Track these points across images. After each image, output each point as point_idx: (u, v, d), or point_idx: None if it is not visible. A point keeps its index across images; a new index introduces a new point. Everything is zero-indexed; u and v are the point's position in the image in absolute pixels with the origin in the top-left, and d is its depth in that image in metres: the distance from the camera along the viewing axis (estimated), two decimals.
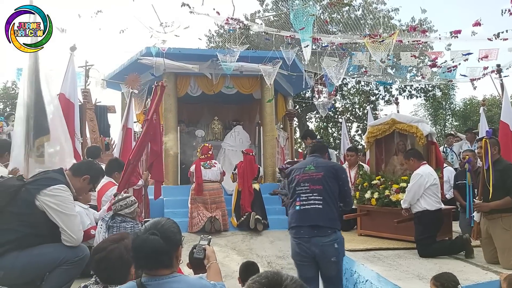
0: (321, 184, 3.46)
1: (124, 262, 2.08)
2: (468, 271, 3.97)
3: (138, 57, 8.43)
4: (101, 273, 2.12)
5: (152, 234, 1.77)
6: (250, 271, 3.29)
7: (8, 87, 21.84)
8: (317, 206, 3.40)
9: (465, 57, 6.81)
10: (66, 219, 2.76)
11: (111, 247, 2.10)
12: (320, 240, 3.31)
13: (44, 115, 3.92)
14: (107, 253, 2.07)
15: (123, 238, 2.19)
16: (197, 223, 6.77)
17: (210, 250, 2.25)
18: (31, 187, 2.78)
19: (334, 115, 20.56)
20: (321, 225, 3.34)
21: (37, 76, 3.95)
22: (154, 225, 1.82)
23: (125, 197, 3.62)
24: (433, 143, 5.61)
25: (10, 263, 2.62)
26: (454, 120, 24.78)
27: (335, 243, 3.34)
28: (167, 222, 1.86)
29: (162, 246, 1.75)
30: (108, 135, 8.96)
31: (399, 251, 4.82)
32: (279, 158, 9.72)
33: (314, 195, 3.44)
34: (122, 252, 2.08)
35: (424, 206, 4.62)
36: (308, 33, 5.02)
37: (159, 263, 1.77)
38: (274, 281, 1.15)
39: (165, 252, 1.77)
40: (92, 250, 2.17)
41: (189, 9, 6.14)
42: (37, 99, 3.90)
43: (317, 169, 3.56)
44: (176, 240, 1.85)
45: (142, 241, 1.76)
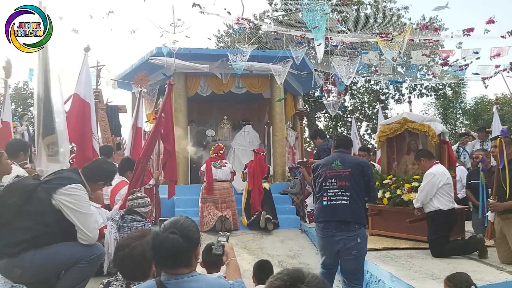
0: (349, 180, 3.57)
1: (146, 259, 2.09)
2: (482, 271, 3.93)
3: (149, 57, 8.48)
4: (125, 269, 2.14)
5: (171, 233, 1.77)
6: (265, 269, 3.29)
7: (20, 88, 22.14)
8: (344, 202, 3.52)
9: (476, 55, 6.73)
10: (82, 218, 2.79)
11: (134, 243, 2.12)
12: (345, 234, 3.44)
13: (51, 114, 3.95)
14: (131, 249, 2.10)
15: (144, 235, 2.22)
16: (208, 222, 6.80)
17: (229, 246, 2.25)
18: (47, 186, 2.81)
19: (343, 114, 20.49)
20: (349, 220, 3.47)
21: (47, 75, 3.97)
22: (173, 224, 1.83)
23: (143, 196, 3.68)
24: (446, 142, 5.56)
25: (27, 262, 2.66)
26: (465, 119, 24.50)
27: (358, 238, 3.46)
28: (185, 221, 1.86)
29: (181, 245, 1.76)
30: (119, 134, 9.04)
31: (411, 251, 4.80)
32: (289, 158, 9.71)
33: (342, 191, 3.56)
34: (145, 248, 2.09)
35: (437, 206, 4.58)
36: (321, 31, 5.00)
37: (179, 262, 1.78)
38: (296, 278, 1.17)
39: (185, 250, 1.78)
40: (115, 248, 2.20)
41: (199, 9, 6.14)
42: (46, 99, 3.93)
43: (344, 165, 3.66)
44: (195, 238, 1.85)
45: (162, 240, 1.77)
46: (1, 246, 2.71)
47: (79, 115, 4.87)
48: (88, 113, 4.93)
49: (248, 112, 11.52)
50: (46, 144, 3.73)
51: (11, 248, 2.67)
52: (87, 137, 4.81)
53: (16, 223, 2.72)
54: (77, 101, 4.91)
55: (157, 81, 9.00)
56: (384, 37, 5.54)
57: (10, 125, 6.11)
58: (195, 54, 8.46)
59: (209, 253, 2.55)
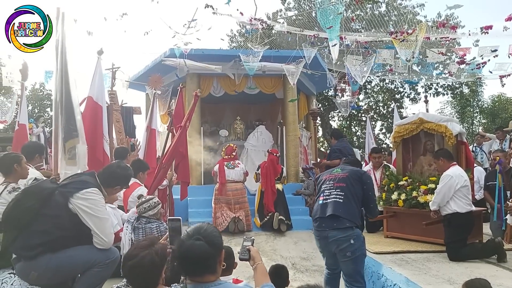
0: (345, 182, 3.63)
1: (156, 267, 2.10)
2: (501, 276, 3.83)
3: (162, 58, 8.54)
4: (135, 280, 2.14)
5: (197, 240, 1.77)
6: (281, 275, 3.28)
7: (37, 89, 22.54)
8: (338, 199, 3.55)
9: (494, 53, 6.58)
10: (98, 222, 2.81)
11: (143, 253, 2.12)
12: (337, 234, 3.43)
13: (73, 118, 4.00)
14: (140, 259, 2.09)
15: (153, 243, 2.22)
16: (221, 223, 6.81)
17: (254, 250, 2.25)
18: (64, 190, 2.84)
19: (357, 113, 20.30)
20: (340, 216, 3.45)
21: (67, 78, 4.01)
22: (197, 230, 1.83)
23: (148, 199, 3.67)
24: (463, 143, 5.43)
25: (44, 265, 2.69)
26: (482, 118, 24.02)
27: (351, 239, 3.42)
28: (209, 227, 1.87)
29: (208, 251, 1.76)
30: (134, 136, 9.11)
31: (428, 254, 4.71)
32: (302, 158, 9.66)
33: (337, 191, 3.61)
34: (154, 257, 2.10)
35: (454, 209, 4.48)
36: (336, 31, 4.94)
37: (206, 268, 1.78)
38: None
39: (211, 256, 1.78)
40: (123, 258, 2.20)
41: (212, 10, 6.15)
42: (67, 101, 3.98)
43: (343, 170, 3.80)
44: (219, 244, 1.86)
45: (189, 247, 1.77)
46: (18, 249, 2.75)
47: (92, 117, 4.93)
48: (100, 116, 4.99)
49: (261, 112, 11.51)
50: (68, 148, 3.77)
51: (28, 251, 2.71)
52: (98, 139, 4.87)
53: (33, 226, 2.75)
54: (90, 104, 4.97)
55: (170, 82, 9.05)
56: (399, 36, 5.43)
57: (26, 127, 6.22)
58: (208, 55, 8.48)
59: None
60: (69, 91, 3.98)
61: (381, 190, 5.99)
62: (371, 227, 6.23)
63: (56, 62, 3.96)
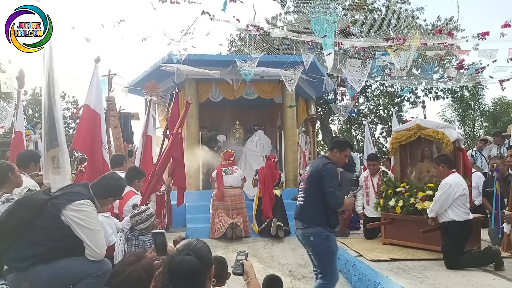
0: (306, 183, 3.77)
1: (143, 283, 2.09)
2: (497, 285, 3.81)
3: (160, 64, 8.55)
4: None
5: (187, 255, 1.78)
6: (275, 286, 3.25)
7: (37, 93, 22.58)
8: (300, 201, 3.78)
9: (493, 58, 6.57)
10: (90, 234, 2.80)
11: (129, 269, 2.11)
12: (301, 233, 3.70)
13: (53, 127, 3.97)
14: (126, 276, 2.09)
15: (139, 259, 2.21)
16: (219, 229, 6.79)
17: (248, 265, 2.25)
18: (57, 201, 2.83)
19: (357, 117, 20.27)
20: (300, 218, 3.73)
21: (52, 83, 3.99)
22: (186, 246, 1.85)
23: (141, 212, 3.63)
24: (461, 149, 5.40)
25: (36, 276, 2.68)
26: (484, 121, 23.93)
27: (311, 236, 3.59)
28: (198, 243, 1.89)
29: (198, 266, 1.77)
30: (132, 142, 9.13)
31: (425, 262, 4.68)
32: (301, 163, 9.64)
33: (301, 193, 3.82)
34: (140, 273, 2.10)
35: (451, 217, 4.46)
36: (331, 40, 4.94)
37: (196, 284, 1.78)
38: None
39: (201, 271, 1.79)
40: (111, 274, 2.20)
41: (209, 17, 6.15)
42: (50, 110, 3.95)
43: (309, 168, 3.91)
44: (209, 259, 1.87)
45: (179, 263, 1.77)
46: (11, 260, 2.74)
47: (90, 125, 4.92)
48: (98, 124, 4.98)
49: (260, 117, 11.51)
50: (51, 157, 3.76)
51: (20, 263, 2.70)
52: (97, 147, 4.85)
53: (25, 238, 2.74)
54: (87, 112, 4.96)
55: (168, 88, 9.06)
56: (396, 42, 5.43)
57: (22, 135, 6.21)
58: (206, 60, 8.49)
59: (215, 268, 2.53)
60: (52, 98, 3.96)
61: (379, 197, 5.98)
62: (369, 234, 6.21)
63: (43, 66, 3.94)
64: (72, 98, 23.72)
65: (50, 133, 3.86)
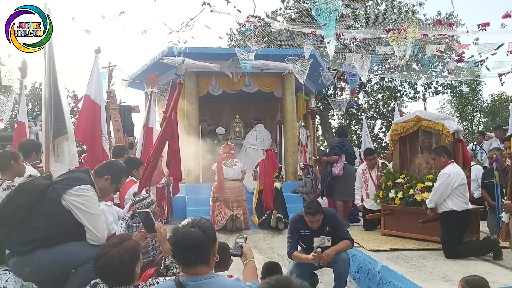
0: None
1: (126, 265, 2.11)
2: (496, 273, 3.83)
3: (160, 56, 8.54)
4: (105, 279, 2.16)
5: (191, 227, 1.82)
6: (274, 272, 3.27)
7: (36, 88, 22.56)
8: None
9: (493, 51, 6.57)
10: (91, 218, 2.81)
11: (111, 252, 2.13)
12: None
13: (62, 115, 3.98)
14: (108, 259, 2.11)
15: (122, 241, 2.22)
16: (219, 221, 6.81)
17: (247, 247, 2.27)
18: (57, 186, 2.84)
19: (357, 112, 20.27)
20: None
21: (55, 75, 4.00)
22: (191, 220, 1.89)
23: (142, 199, 3.63)
24: (460, 140, 5.42)
25: (37, 261, 2.69)
26: (482, 117, 23.96)
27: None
28: (202, 219, 1.92)
29: (202, 238, 1.80)
30: (132, 134, 9.14)
31: (424, 252, 4.71)
32: (301, 157, 9.66)
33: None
34: (123, 255, 2.11)
35: (451, 207, 4.48)
36: (331, 28, 4.95)
37: (199, 257, 1.79)
38: (283, 284, 1.18)
39: (205, 244, 1.81)
40: (94, 257, 2.22)
41: (210, 8, 6.15)
42: (56, 99, 3.96)
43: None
44: (213, 234, 1.89)
45: (183, 234, 1.81)
46: (12, 244, 2.75)
47: (90, 116, 4.92)
48: (98, 114, 4.98)
49: (260, 110, 11.51)
50: (57, 145, 3.76)
51: (21, 247, 2.71)
52: (97, 138, 4.86)
53: (26, 222, 2.75)
54: (87, 102, 4.96)
55: (169, 80, 9.05)
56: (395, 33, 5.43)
57: (25, 125, 6.23)
58: (206, 54, 8.48)
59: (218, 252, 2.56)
60: (57, 88, 3.97)
61: (378, 188, 5.99)
62: (369, 226, 6.24)
63: (44, 59, 3.95)
64: (72, 93, 23.67)
65: (59, 121, 3.86)
